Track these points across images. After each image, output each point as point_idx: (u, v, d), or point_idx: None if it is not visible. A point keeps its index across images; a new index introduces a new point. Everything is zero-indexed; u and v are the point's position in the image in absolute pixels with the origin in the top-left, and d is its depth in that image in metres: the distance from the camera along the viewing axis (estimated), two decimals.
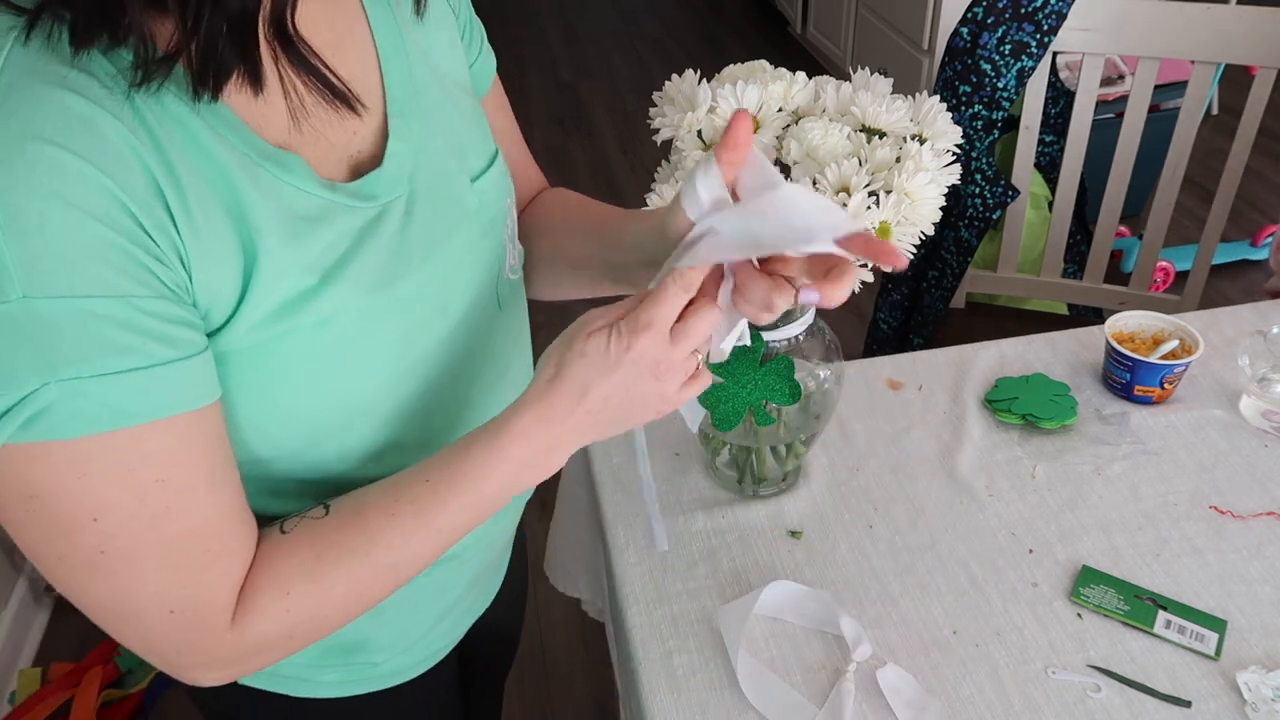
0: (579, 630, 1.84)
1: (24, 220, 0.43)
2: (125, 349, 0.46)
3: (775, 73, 0.82)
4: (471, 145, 0.68)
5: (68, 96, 0.45)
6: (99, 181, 0.45)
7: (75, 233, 0.44)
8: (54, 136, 0.44)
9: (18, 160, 0.43)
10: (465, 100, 0.69)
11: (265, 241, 0.52)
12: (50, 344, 0.44)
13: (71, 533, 0.49)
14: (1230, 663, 0.80)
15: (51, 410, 0.45)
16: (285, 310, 0.54)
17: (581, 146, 3.60)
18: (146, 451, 0.49)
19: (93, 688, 1.67)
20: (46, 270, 0.44)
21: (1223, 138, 1.92)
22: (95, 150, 0.45)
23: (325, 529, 0.58)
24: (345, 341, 0.57)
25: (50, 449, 0.46)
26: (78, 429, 0.46)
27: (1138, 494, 0.97)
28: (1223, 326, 1.18)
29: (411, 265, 0.60)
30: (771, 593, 0.86)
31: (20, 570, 1.88)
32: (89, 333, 0.45)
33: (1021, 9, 1.56)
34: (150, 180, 0.47)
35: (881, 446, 1.04)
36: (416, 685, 0.79)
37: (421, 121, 0.63)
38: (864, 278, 0.76)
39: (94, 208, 0.45)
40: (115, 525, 0.49)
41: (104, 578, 0.51)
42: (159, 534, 0.51)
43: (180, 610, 0.53)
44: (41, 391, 0.45)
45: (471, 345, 0.68)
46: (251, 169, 0.52)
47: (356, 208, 0.57)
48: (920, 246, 0.83)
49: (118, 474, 0.48)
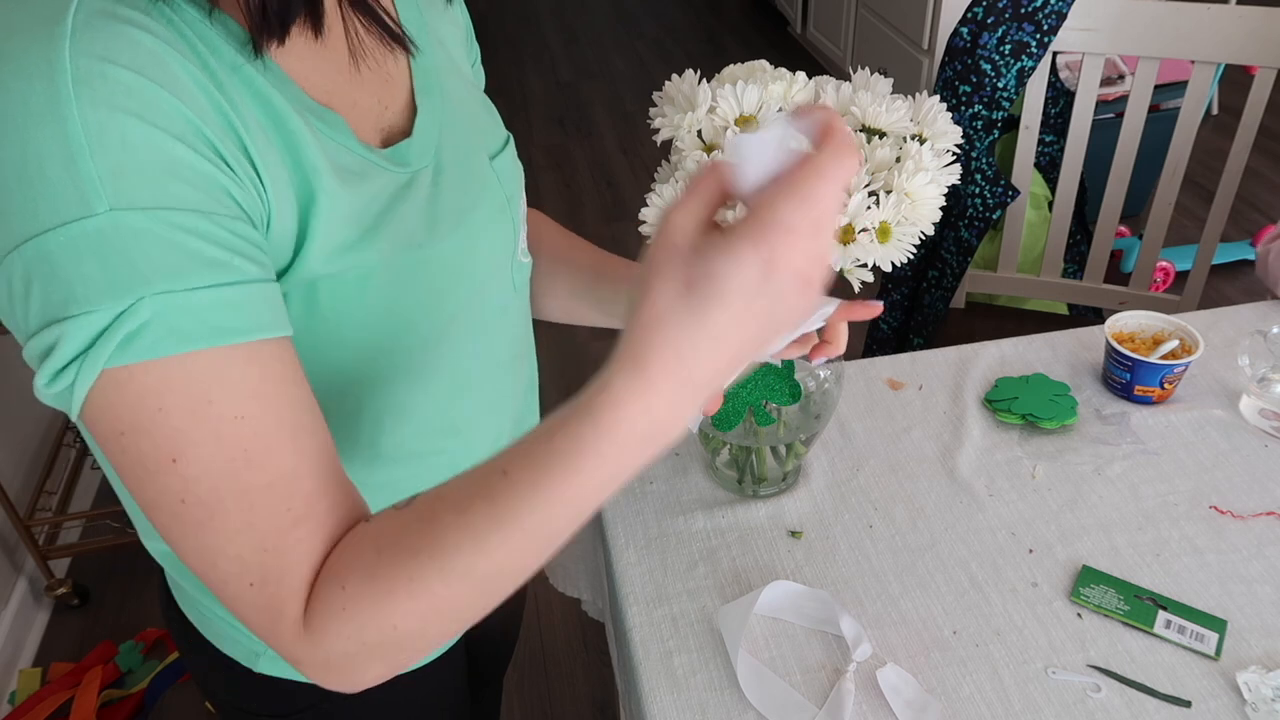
0: (579, 630, 1.84)
1: (107, 135, 0.43)
2: (216, 263, 0.46)
3: (775, 73, 0.82)
4: (487, 127, 0.71)
5: (138, 33, 0.46)
6: (175, 106, 0.46)
7: (157, 149, 0.45)
8: (131, 64, 0.45)
9: (98, 81, 0.44)
10: (475, 91, 0.73)
11: (323, 183, 0.53)
12: (143, 256, 0.44)
13: (156, 475, 0.47)
14: (1230, 663, 0.80)
15: (149, 327, 0.44)
16: (335, 255, 0.55)
17: (581, 146, 3.60)
18: (231, 380, 0.47)
19: (93, 688, 1.67)
20: (132, 183, 0.44)
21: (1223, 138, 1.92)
22: (170, 80, 0.46)
23: (396, 522, 0.51)
24: (383, 296, 0.58)
25: (143, 372, 0.45)
26: (173, 346, 0.45)
27: (1138, 494, 0.97)
28: (1223, 326, 1.18)
29: (441, 231, 0.62)
30: (771, 593, 0.86)
31: (20, 570, 1.88)
32: (179, 245, 0.45)
33: (1021, 9, 1.56)
34: (219, 112, 0.48)
35: (881, 446, 1.04)
36: (428, 673, 0.80)
37: (443, 99, 0.66)
38: (864, 278, 0.76)
39: (173, 128, 0.45)
40: (195, 469, 0.47)
41: (190, 532, 0.48)
42: (238, 482, 0.48)
43: (258, 584, 0.49)
44: (138, 306, 0.44)
45: (489, 317, 0.70)
46: (303, 116, 0.54)
47: (390, 170, 0.59)
48: (920, 246, 0.83)
49: (196, 406, 0.46)
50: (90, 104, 0.43)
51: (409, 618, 0.49)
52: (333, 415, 0.61)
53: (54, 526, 1.92)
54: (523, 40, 4.59)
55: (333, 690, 0.52)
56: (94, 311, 0.44)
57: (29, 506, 1.87)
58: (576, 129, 3.74)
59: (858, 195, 0.72)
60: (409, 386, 0.65)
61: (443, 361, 0.66)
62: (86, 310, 0.44)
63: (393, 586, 0.48)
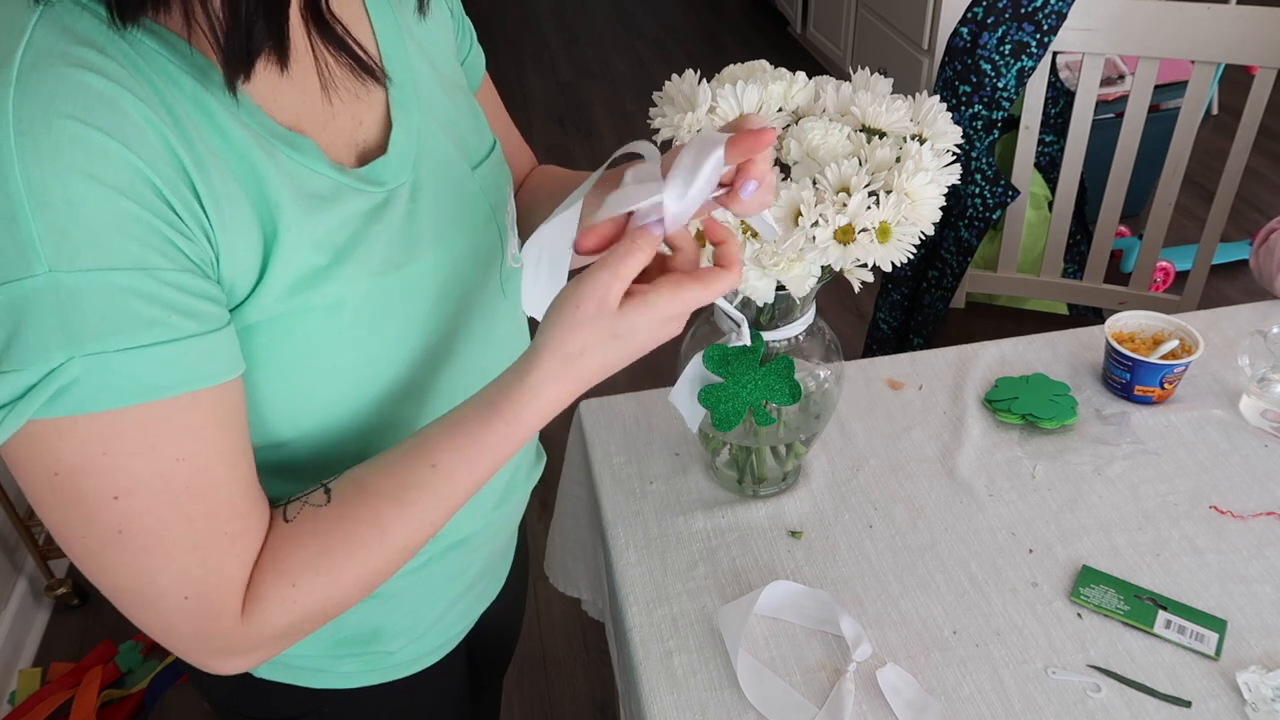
0: (579, 630, 1.84)
1: (50, 195, 0.43)
2: (151, 322, 0.47)
3: (775, 73, 0.82)
4: (470, 136, 0.70)
5: (88, 75, 0.45)
6: (123, 156, 0.45)
7: (101, 207, 0.45)
8: (77, 113, 0.44)
9: (43, 136, 0.43)
10: (461, 96, 0.71)
11: (285, 215, 0.53)
12: (76, 318, 0.45)
13: (94, 511, 0.49)
14: (1230, 663, 0.80)
15: (78, 384, 0.45)
16: (300, 286, 0.55)
17: (581, 146, 3.60)
18: (170, 427, 0.49)
19: (93, 688, 1.67)
20: (73, 244, 0.44)
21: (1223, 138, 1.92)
22: (118, 126, 0.46)
23: (331, 519, 0.57)
24: (358, 322, 0.58)
25: (76, 424, 0.46)
26: (104, 403, 0.46)
27: (1138, 494, 0.97)
28: (1223, 326, 1.18)
29: (419, 249, 0.62)
30: (771, 593, 0.86)
31: (20, 570, 1.88)
32: (115, 306, 0.45)
33: (1021, 9, 1.56)
34: (172, 156, 0.48)
35: (881, 446, 1.04)
36: (429, 675, 0.80)
37: (422, 112, 0.65)
38: (864, 278, 0.76)
39: (119, 182, 0.45)
40: (137, 504, 0.49)
41: (125, 559, 0.50)
42: (179, 513, 0.51)
43: (195, 595, 0.53)
44: (67, 366, 0.45)
45: (478, 330, 0.70)
46: (267, 147, 0.53)
47: (364, 191, 0.59)
48: (920, 246, 0.83)
49: (141, 450, 0.48)
50: (34, 161, 0.43)
51: (347, 593, 0.58)
52: (326, 435, 0.62)
53: None
54: (523, 40, 4.59)
55: (242, 670, 0.58)
56: (22, 371, 0.44)
57: (29, 506, 1.87)
58: (576, 129, 3.74)
59: (858, 195, 0.72)
60: (402, 403, 0.65)
61: (435, 375, 0.66)
62: (15, 369, 0.45)
63: (340, 575, 0.57)
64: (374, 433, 0.64)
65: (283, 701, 0.76)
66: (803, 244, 0.72)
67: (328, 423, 0.61)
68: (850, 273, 0.76)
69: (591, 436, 1.06)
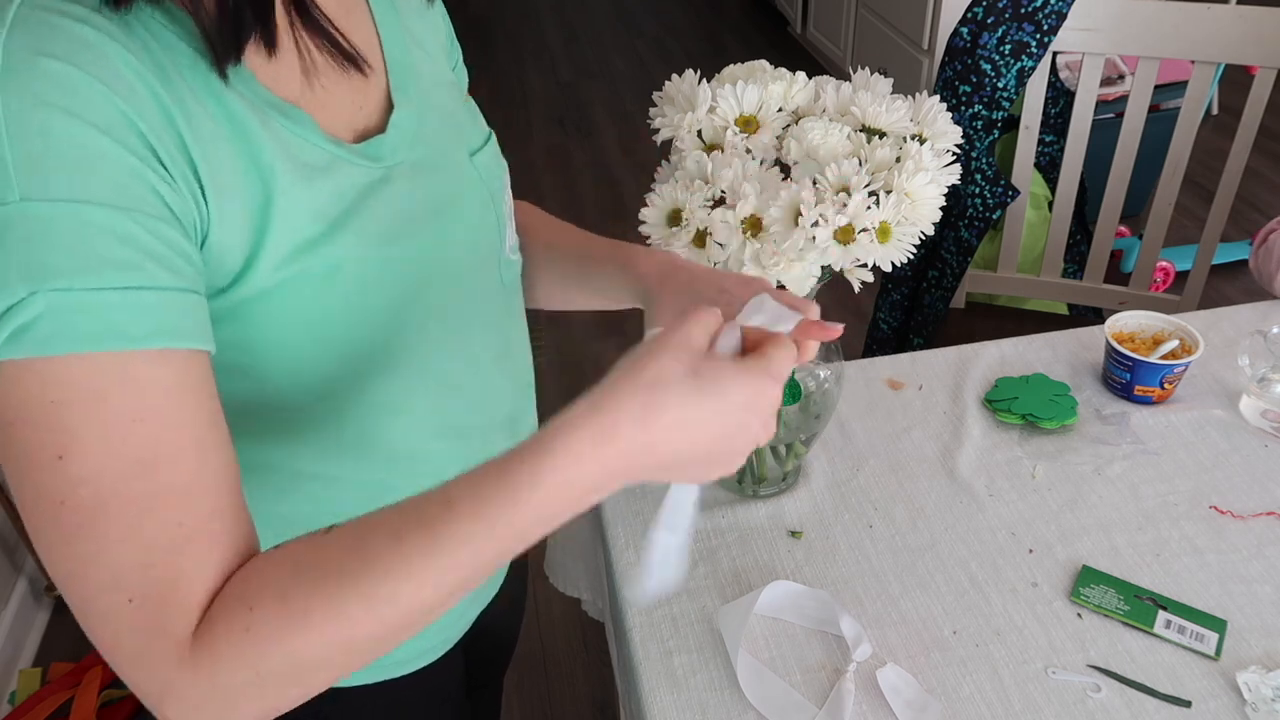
0: (579, 630, 1.84)
1: (27, 124, 0.43)
2: (124, 264, 0.44)
3: (775, 73, 0.82)
4: (466, 125, 0.72)
5: (80, 27, 0.46)
6: (105, 96, 0.45)
7: (79, 140, 0.44)
8: (63, 55, 0.45)
9: (25, 72, 0.44)
10: (455, 91, 0.73)
11: (279, 181, 0.53)
12: (45, 249, 0.43)
13: (37, 471, 0.44)
14: (1230, 663, 0.80)
15: (39, 322, 0.43)
16: (297, 253, 0.54)
17: (581, 146, 3.60)
18: (132, 382, 0.45)
19: (93, 688, 1.67)
20: (47, 172, 0.43)
21: (1223, 138, 1.92)
22: (103, 70, 0.46)
23: (316, 545, 0.48)
24: (356, 289, 0.58)
25: (30, 367, 0.43)
26: (64, 345, 0.43)
27: (1138, 494, 0.97)
28: (1223, 326, 1.18)
29: (417, 226, 0.62)
30: (771, 593, 0.86)
31: (20, 570, 1.88)
32: (86, 241, 0.44)
33: (1021, 9, 1.56)
34: (161, 108, 0.48)
35: (881, 446, 1.04)
36: (425, 675, 0.80)
37: (420, 97, 0.66)
38: (864, 277, 0.76)
39: (100, 121, 0.45)
40: (81, 469, 0.44)
41: (63, 539, 0.45)
42: (128, 489, 0.45)
43: (139, 600, 0.45)
44: (30, 300, 0.43)
45: (474, 313, 0.70)
46: (262, 116, 0.54)
47: (361, 165, 0.59)
48: (920, 246, 0.83)
49: (90, 404, 0.44)
50: (14, 92, 0.43)
51: (317, 645, 0.46)
52: (314, 412, 0.62)
53: None
54: (523, 39, 4.59)
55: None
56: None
57: None
58: (576, 129, 3.74)
59: (858, 195, 0.72)
60: (392, 383, 0.65)
61: (427, 359, 0.66)
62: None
63: (308, 607, 0.46)
64: (372, 404, 0.65)
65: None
66: (802, 244, 0.72)
67: (322, 391, 0.61)
68: (850, 273, 0.76)
69: None
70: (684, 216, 0.76)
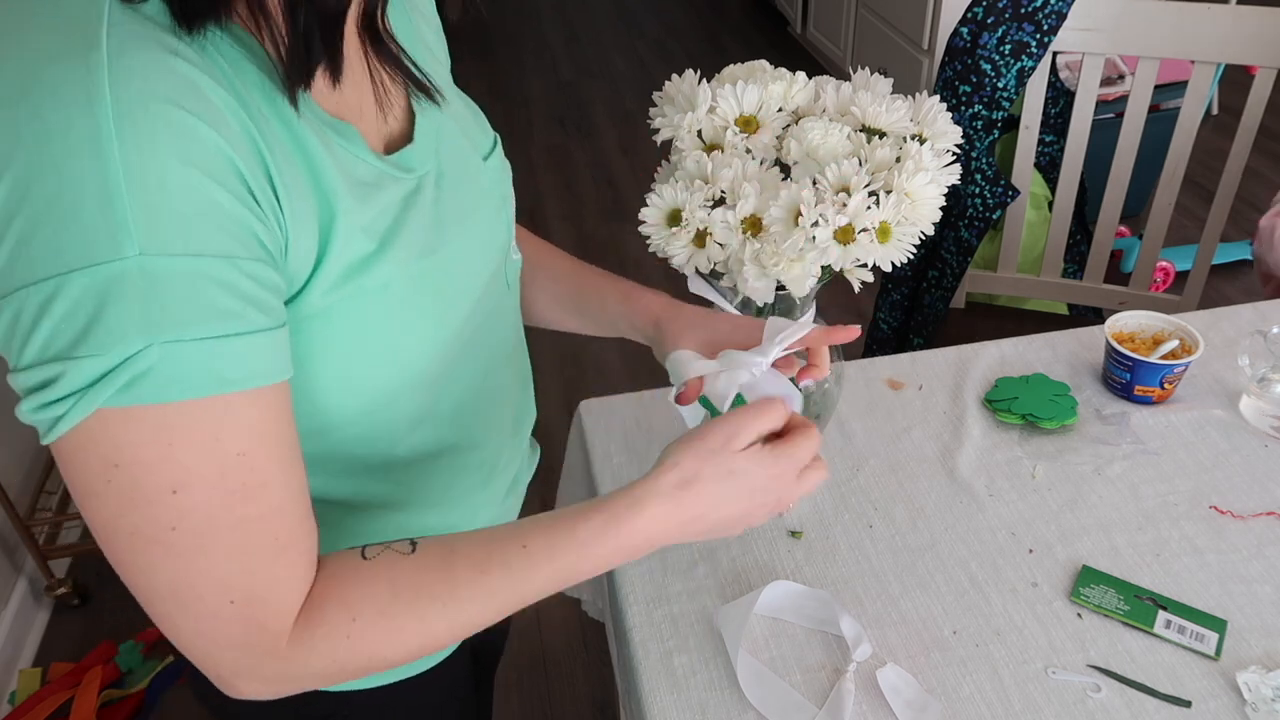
0: (579, 630, 1.84)
1: (146, 178, 0.43)
2: (228, 313, 0.46)
3: (775, 73, 0.82)
4: (474, 130, 0.72)
5: (173, 60, 0.46)
6: (214, 141, 0.46)
7: (194, 192, 0.45)
8: (171, 96, 0.45)
9: (141, 118, 0.43)
10: (460, 95, 0.74)
11: (340, 202, 0.54)
12: (160, 304, 0.44)
13: (149, 505, 0.47)
14: (1230, 663, 0.80)
15: (152, 373, 0.45)
16: (351, 272, 0.55)
17: (581, 146, 3.60)
18: (235, 421, 0.48)
19: (93, 688, 1.67)
20: (165, 227, 0.44)
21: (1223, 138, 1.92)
22: (207, 111, 0.46)
23: (409, 567, 0.57)
24: (400, 305, 0.59)
25: (145, 414, 0.45)
26: (175, 393, 0.45)
27: (1138, 494, 0.97)
28: (1223, 326, 1.18)
29: (447, 234, 0.63)
30: (771, 593, 0.86)
31: (20, 570, 1.88)
32: (197, 294, 0.45)
33: (1021, 9, 1.56)
34: (251, 142, 0.48)
35: (881, 446, 1.04)
36: (435, 676, 0.79)
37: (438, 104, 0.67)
38: (864, 277, 0.76)
39: (210, 167, 0.45)
40: (193, 500, 0.48)
41: (171, 558, 0.49)
42: (233, 514, 0.50)
43: (240, 601, 0.51)
44: (145, 353, 0.44)
45: (488, 319, 0.71)
46: (322, 136, 0.54)
47: (399, 178, 0.60)
48: (920, 246, 0.83)
49: (205, 443, 0.47)
50: (134, 144, 0.43)
51: (400, 654, 0.57)
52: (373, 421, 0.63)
53: (54, 526, 1.92)
54: (523, 39, 4.59)
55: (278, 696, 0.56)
56: (99, 356, 0.44)
57: (29, 506, 1.87)
58: (576, 129, 3.74)
59: (858, 195, 0.72)
60: (427, 393, 0.65)
61: (455, 364, 0.67)
62: (92, 354, 0.44)
63: (403, 625, 0.55)
64: (403, 420, 0.65)
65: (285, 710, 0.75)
66: (803, 244, 0.72)
67: (365, 408, 0.62)
68: (850, 273, 0.76)
69: (591, 436, 1.06)
70: (684, 216, 0.76)
